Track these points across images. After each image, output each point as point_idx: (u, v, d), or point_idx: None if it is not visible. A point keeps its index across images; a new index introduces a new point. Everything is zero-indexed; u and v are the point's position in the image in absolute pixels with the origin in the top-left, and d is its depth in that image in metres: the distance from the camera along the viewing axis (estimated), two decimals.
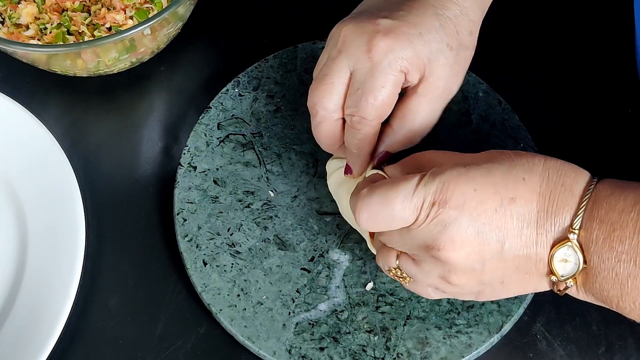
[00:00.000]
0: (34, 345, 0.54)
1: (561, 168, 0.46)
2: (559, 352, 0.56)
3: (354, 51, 0.51)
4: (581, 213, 0.44)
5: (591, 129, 0.65)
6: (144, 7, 0.64)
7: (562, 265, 0.44)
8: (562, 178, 0.45)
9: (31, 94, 0.67)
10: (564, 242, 0.44)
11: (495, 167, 0.46)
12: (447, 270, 0.46)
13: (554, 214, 0.44)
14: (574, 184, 0.45)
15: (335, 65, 0.52)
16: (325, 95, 0.52)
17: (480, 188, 0.45)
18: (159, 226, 0.61)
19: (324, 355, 0.54)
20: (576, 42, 0.69)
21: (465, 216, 0.45)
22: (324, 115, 0.53)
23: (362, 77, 0.51)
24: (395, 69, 0.50)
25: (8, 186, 0.61)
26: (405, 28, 0.50)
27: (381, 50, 0.50)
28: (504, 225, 0.45)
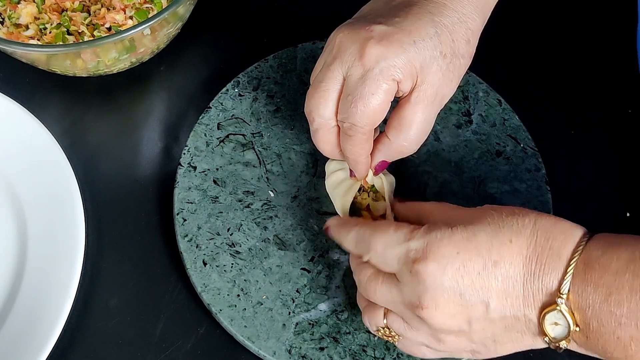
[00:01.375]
0: (34, 345, 0.54)
1: (551, 229, 0.44)
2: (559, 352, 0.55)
3: (347, 57, 0.51)
4: (568, 278, 0.43)
5: (591, 128, 0.65)
6: (144, 7, 0.64)
7: (552, 327, 0.44)
8: (550, 241, 0.44)
9: (31, 94, 0.67)
10: (553, 306, 0.43)
11: (482, 229, 0.45)
12: (434, 331, 0.47)
13: (541, 277, 0.43)
14: (562, 247, 0.44)
15: (330, 71, 0.52)
16: (320, 102, 0.52)
17: (463, 251, 0.45)
18: (159, 226, 0.61)
19: (324, 355, 0.54)
20: (576, 43, 0.69)
21: (447, 277, 0.44)
22: (321, 123, 0.53)
23: (354, 84, 0.51)
24: (387, 77, 0.50)
25: (8, 186, 0.61)
26: (398, 35, 0.50)
27: (373, 58, 0.50)
28: (487, 287, 0.44)
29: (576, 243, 0.44)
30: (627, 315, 0.41)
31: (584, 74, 0.67)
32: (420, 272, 0.45)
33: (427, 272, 0.45)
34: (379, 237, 0.48)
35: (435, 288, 0.45)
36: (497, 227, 0.45)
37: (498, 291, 0.44)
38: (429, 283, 0.45)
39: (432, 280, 0.45)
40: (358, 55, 0.50)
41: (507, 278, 0.44)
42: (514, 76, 0.67)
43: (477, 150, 0.62)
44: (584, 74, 0.67)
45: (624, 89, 0.66)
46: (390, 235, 0.48)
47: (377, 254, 0.48)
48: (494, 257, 0.44)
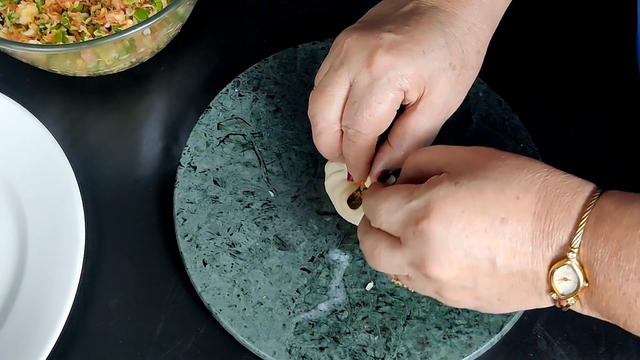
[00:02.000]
0: (34, 345, 0.54)
1: (561, 185, 0.43)
2: (559, 352, 0.56)
3: (355, 64, 0.50)
4: (580, 231, 0.42)
5: (591, 129, 0.65)
6: (144, 7, 0.64)
7: (561, 283, 0.43)
8: (559, 197, 0.43)
9: (31, 94, 0.67)
10: (563, 260, 0.42)
11: (489, 184, 0.44)
12: (438, 287, 0.46)
13: (551, 233, 0.43)
14: (572, 202, 0.43)
15: (337, 76, 0.51)
16: (325, 106, 0.52)
17: (469, 209, 0.43)
18: (159, 226, 0.61)
19: (324, 355, 0.54)
20: (576, 43, 0.69)
21: (452, 237, 0.43)
22: (324, 127, 0.53)
23: (360, 91, 0.50)
24: (395, 86, 0.50)
25: (8, 186, 0.61)
26: (408, 45, 0.50)
27: (382, 66, 0.49)
28: (495, 245, 0.43)
29: (586, 198, 0.43)
30: (636, 271, 0.40)
31: (584, 75, 0.67)
32: (423, 232, 0.44)
33: (430, 232, 0.44)
34: (382, 203, 0.47)
35: (440, 248, 0.44)
36: (504, 183, 0.44)
37: (505, 249, 0.43)
38: (433, 243, 0.44)
39: (436, 240, 0.44)
40: (366, 62, 0.50)
41: (515, 235, 0.43)
42: (514, 76, 0.67)
43: None
44: (584, 75, 0.67)
45: (624, 90, 0.66)
46: (390, 200, 0.46)
47: (382, 220, 0.47)
48: (501, 214, 0.43)
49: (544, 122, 0.64)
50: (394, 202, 0.46)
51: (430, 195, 0.44)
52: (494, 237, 0.43)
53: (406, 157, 0.53)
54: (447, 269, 0.44)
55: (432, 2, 0.52)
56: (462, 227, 0.43)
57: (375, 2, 0.56)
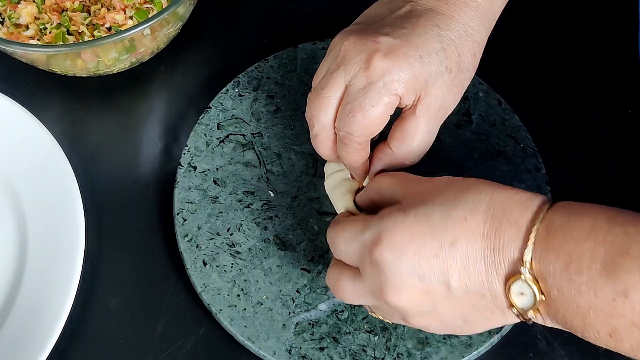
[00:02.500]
0: (34, 345, 0.54)
1: (508, 202, 0.44)
2: (559, 352, 0.56)
3: (352, 67, 0.50)
4: (530, 245, 0.42)
5: (591, 128, 0.65)
6: (144, 7, 0.64)
7: (519, 298, 0.43)
8: (507, 214, 0.43)
9: (31, 94, 0.67)
10: (517, 276, 0.42)
11: (435, 209, 0.45)
12: (402, 314, 0.47)
13: (501, 250, 0.43)
14: (520, 217, 0.43)
15: (333, 79, 0.51)
16: (321, 108, 0.52)
17: (417, 236, 0.44)
18: (159, 226, 0.61)
19: (324, 355, 0.54)
20: (576, 42, 0.69)
21: (404, 264, 0.44)
22: (320, 129, 0.53)
23: (355, 94, 0.50)
24: (390, 91, 0.50)
25: (8, 186, 0.61)
26: (405, 49, 0.50)
27: (378, 71, 0.49)
28: (446, 268, 0.44)
29: (534, 212, 0.43)
30: (587, 284, 0.41)
31: (584, 74, 0.67)
32: (377, 261, 0.45)
33: (383, 260, 0.45)
34: (339, 234, 0.48)
35: (394, 275, 0.44)
36: (451, 206, 0.44)
37: (458, 270, 0.44)
38: (387, 271, 0.45)
39: (390, 268, 0.44)
40: (363, 66, 0.50)
41: (465, 257, 0.43)
42: (514, 76, 0.67)
43: (477, 150, 0.62)
44: (584, 74, 0.67)
45: (624, 89, 0.66)
46: (347, 231, 0.48)
47: (341, 251, 0.48)
48: (450, 237, 0.44)
49: (544, 122, 0.64)
50: (351, 233, 0.47)
51: (381, 225, 0.46)
52: (445, 260, 0.44)
53: (405, 159, 0.54)
54: (404, 295, 0.45)
55: (428, 4, 0.52)
56: (412, 253, 0.44)
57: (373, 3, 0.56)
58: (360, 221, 0.48)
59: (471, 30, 0.52)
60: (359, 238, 0.47)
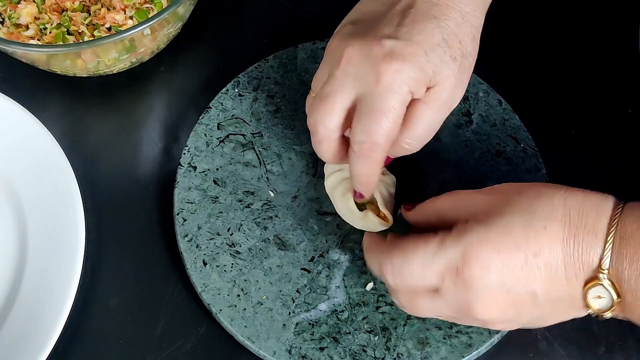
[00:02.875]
0: (34, 345, 0.54)
1: (582, 206, 0.45)
2: (559, 352, 0.56)
3: (361, 75, 0.50)
4: (607, 254, 0.43)
5: (591, 128, 0.65)
6: (144, 7, 0.64)
7: (596, 301, 0.45)
8: (583, 219, 0.44)
9: (31, 94, 0.67)
10: (595, 281, 0.44)
11: (515, 220, 0.45)
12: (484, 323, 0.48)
13: (581, 257, 0.44)
14: (597, 223, 0.44)
15: (340, 85, 0.51)
16: (327, 114, 0.52)
17: (503, 250, 0.45)
18: (159, 226, 0.61)
19: (324, 355, 0.54)
20: (576, 43, 0.69)
21: (493, 278, 0.45)
22: (325, 134, 0.53)
23: (372, 102, 0.50)
24: (404, 90, 0.50)
25: (8, 186, 0.61)
26: (410, 48, 0.50)
27: (390, 75, 0.49)
28: (532, 277, 0.45)
29: (609, 217, 0.44)
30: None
31: (584, 74, 0.67)
32: (465, 280, 0.45)
33: (472, 278, 0.45)
34: (412, 259, 0.47)
35: (483, 291, 0.45)
36: (529, 216, 0.45)
37: (543, 279, 0.45)
38: (476, 288, 0.45)
39: (479, 285, 0.45)
40: (374, 74, 0.50)
41: (549, 265, 0.45)
42: (514, 76, 0.67)
43: (477, 151, 0.62)
44: (584, 74, 0.67)
45: (624, 89, 0.66)
46: (422, 253, 0.47)
47: (415, 275, 0.47)
48: (533, 248, 0.45)
49: (544, 122, 0.64)
50: (427, 253, 0.47)
51: (463, 243, 0.46)
52: (530, 271, 0.45)
53: (409, 146, 0.53)
54: (493, 308, 0.46)
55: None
56: (500, 267, 0.45)
57: None
58: (432, 242, 0.47)
59: (468, 16, 0.52)
60: (440, 257, 0.46)
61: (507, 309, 0.46)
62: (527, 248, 0.45)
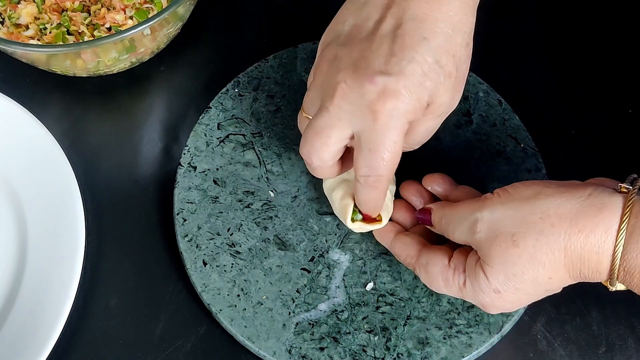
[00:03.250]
0: (34, 345, 0.54)
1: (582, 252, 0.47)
2: (559, 352, 0.56)
3: (356, 112, 0.50)
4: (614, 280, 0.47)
5: (591, 129, 0.65)
6: (144, 7, 0.64)
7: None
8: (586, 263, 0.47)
9: (31, 94, 0.67)
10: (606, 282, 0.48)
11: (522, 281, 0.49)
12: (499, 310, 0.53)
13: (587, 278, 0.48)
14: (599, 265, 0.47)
15: (335, 120, 0.51)
16: (322, 148, 0.52)
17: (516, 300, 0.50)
18: (159, 226, 0.61)
19: (324, 355, 0.54)
20: (576, 43, 0.69)
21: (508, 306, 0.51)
22: (320, 165, 0.54)
23: (372, 138, 0.50)
24: (403, 123, 0.50)
25: (8, 186, 0.61)
26: (403, 81, 0.49)
27: (386, 113, 0.49)
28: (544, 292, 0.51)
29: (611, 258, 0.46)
30: None
31: (585, 74, 0.67)
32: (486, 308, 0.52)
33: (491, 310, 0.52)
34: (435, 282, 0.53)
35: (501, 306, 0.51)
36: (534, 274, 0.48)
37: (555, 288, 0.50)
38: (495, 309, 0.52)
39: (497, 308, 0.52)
40: (371, 114, 0.49)
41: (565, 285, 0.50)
42: (514, 76, 0.67)
43: (477, 150, 0.62)
44: (585, 74, 0.67)
45: (624, 89, 0.66)
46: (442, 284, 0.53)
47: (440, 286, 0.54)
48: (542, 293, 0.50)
49: (544, 122, 0.64)
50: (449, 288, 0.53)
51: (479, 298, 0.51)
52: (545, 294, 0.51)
53: (405, 149, 0.55)
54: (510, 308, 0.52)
55: (410, 10, 0.50)
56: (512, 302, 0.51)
57: None
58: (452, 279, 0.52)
59: (459, 25, 0.51)
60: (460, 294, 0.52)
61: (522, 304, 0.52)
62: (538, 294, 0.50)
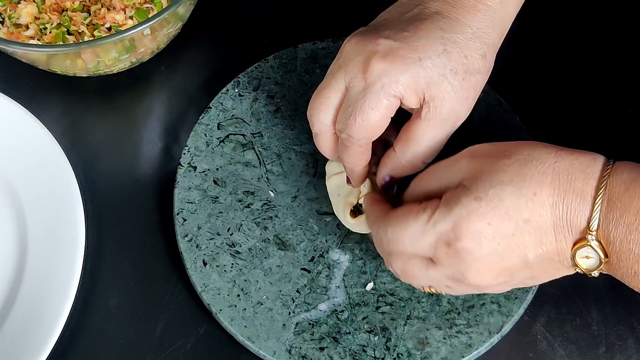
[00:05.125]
0: (34, 345, 0.54)
1: (571, 169, 0.45)
2: (559, 352, 0.56)
3: (351, 69, 0.51)
4: (596, 216, 0.44)
5: (591, 129, 0.65)
6: (144, 7, 0.64)
7: (584, 260, 0.45)
8: (572, 183, 0.45)
9: (31, 94, 0.67)
10: (584, 242, 0.44)
11: (506, 189, 0.45)
12: (480, 290, 0.49)
13: (569, 219, 0.45)
14: (585, 186, 0.44)
15: (334, 80, 0.52)
16: (321, 109, 0.53)
17: (494, 220, 0.45)
18: (159, 226, 0.61)
19: (324, 355, 0.54)
20: (576, 43, 0.69)
21: (485, 247, 0.45)
22: (320, 129, 0.54)
23: (355, 96, 0.50)
24: (389, 93, 0.50)
25: (8, 186, 0.61)
26: (404, 51, 0.49)
27: (376, 73, 0.49)
28: (523, 243, 0.45)
29: (598, 179, 0.44)
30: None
31: (584, 74, 0.67)
32: (458, 252, 0.46)
33: (464, 250, 0.46)
34: (403, 230, 0.48)
35: (477, 260, 0.46)
36: (519, 183, 0.45)
37: (533, 243, 0.45)
38: (469, 258, 0.46)
39: (472, 255, 0.46)
40: (361, 68, 0.50)
41: (538, 229, 0.45)
42: (514, 76, 0.67)
43: None
44: (584, 74, 0.67)
45: (624, 89, 0.66)
46: (412, 226, 0.47)
47: (406, 246, 0.48)
48: (524, 215, 0.45)
49: (544, 122, 0.64)
50: (417, 228, 0.47)
51: (453, 215, 0.46)
52: (521, 236, 0.45)
53: (411, 164, 0.53)
54: (486, 275, 0.47)
55: (436, 7, 0.51)
56: (491, 237, 0.45)
57: (373, 3, 0.56)
58: (423, 213, 0.47)
59: (479, 32, 0.51)
60: (430, 232, 0.47)
61: (500, 273, 0.47)
62: (518, 215, 0.45)
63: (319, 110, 0.53)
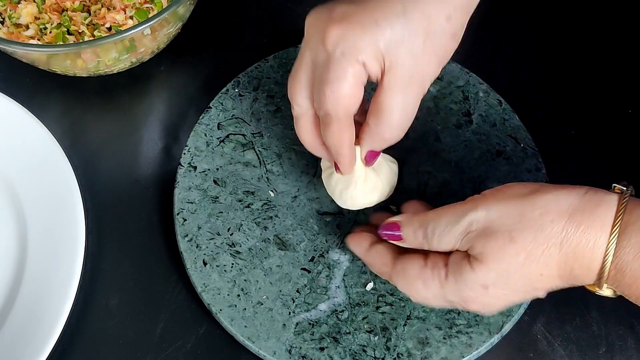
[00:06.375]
0: (34, 345, 0.54)
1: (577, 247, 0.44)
2: (559, 352, 0.56)
3: (313, 43, 0.49)
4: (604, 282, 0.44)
5: (591, 129, 0.65)
6: (144, 7, 0.64)
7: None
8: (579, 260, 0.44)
9: (31, 94, 0.67)
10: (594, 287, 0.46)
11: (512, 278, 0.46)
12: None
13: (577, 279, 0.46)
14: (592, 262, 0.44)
15: (302, 58, 0.50)
16: (295, 91, 0.51)
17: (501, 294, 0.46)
18: (159, 226, 0.61)
19: (324, 355, 0.54)
20: (576, 42, 0.69)
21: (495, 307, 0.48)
22: (299, 112, 0.52)
23: (320, 70, 0.49)
24: (351, 59, 0.47)
25: (8, 186, 0.61)
26: (359, 15, 0.47)
27: (333, 40, 0.47)
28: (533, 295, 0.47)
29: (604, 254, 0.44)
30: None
31: (584, 74, 0.67)
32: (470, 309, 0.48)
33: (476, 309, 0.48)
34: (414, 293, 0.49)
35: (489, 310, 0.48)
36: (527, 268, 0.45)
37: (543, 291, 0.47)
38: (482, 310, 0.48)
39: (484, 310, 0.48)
40: (320, 39, 0.48)
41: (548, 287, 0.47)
42: (514, 76, 0.67)
43: (477, 150, 0.62)
44: (584, 74, 0.67)
45: (624, 89, 0.66)
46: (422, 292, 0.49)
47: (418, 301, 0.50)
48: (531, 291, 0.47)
49: (544, 122, 0.64)
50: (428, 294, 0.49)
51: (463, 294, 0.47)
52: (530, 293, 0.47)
53: (387, 135, 0.51)
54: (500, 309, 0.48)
55: None
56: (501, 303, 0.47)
57: None
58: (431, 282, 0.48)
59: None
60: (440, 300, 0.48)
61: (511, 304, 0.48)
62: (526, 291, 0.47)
63: (294, 93, 0.51)
